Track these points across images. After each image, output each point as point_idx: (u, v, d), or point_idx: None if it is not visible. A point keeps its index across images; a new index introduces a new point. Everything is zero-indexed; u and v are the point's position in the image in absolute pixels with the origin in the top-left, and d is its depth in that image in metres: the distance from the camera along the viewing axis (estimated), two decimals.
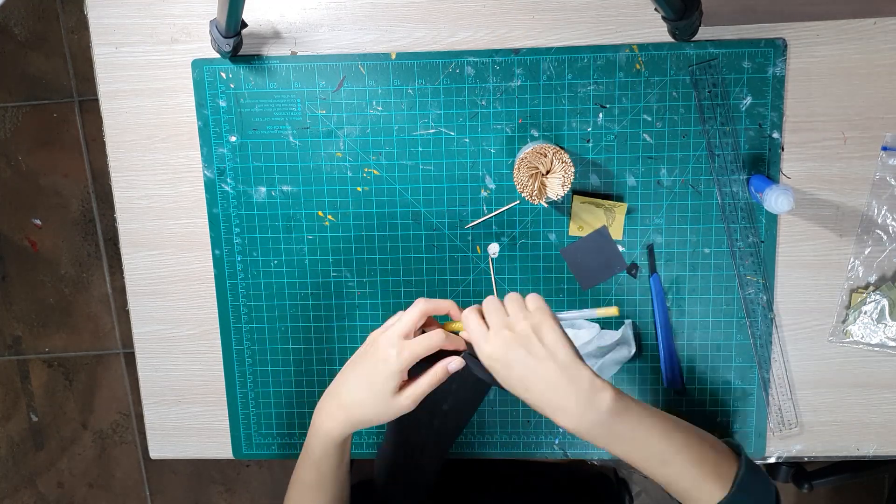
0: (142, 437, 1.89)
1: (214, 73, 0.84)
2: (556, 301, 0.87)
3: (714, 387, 0.88)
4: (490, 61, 0.82)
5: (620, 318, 0.87)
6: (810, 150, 0.82)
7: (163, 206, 0.88)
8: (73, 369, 1.88)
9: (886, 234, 0.83)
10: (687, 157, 0.83)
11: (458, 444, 0.91)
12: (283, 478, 1.88)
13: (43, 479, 1.93)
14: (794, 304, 0.86)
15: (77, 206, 1.81)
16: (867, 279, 0.85)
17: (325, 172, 0.86)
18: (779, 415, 0.88)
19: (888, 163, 0.82)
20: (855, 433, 0.89)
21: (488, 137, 0.84)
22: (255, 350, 0.90)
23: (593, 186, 0.84)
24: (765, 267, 0.85)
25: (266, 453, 0.93)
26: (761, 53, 0.80)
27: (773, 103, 0.81)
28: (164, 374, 0.93)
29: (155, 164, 0.87)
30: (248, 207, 0.87)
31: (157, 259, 0.90)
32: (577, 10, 0.81)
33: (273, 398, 0.92)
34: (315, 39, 0.84)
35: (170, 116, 0.86)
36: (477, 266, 0.87)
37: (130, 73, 0.85)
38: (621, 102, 0.82)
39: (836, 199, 0.83)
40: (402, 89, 0.84)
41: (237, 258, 0.88)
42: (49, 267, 1.83)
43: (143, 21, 0.84)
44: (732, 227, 0.84)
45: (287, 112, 0.85)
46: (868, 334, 0.85)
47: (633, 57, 0.81)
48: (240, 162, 0.86)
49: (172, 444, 0.95)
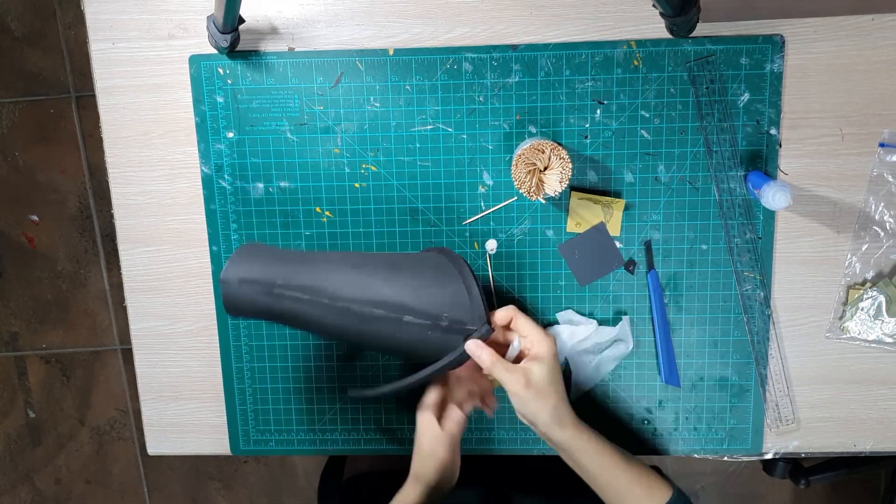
0: (139, 433, 1.89)
1: (212, 69, 0.84)
2: (553, 297, 0.87)
3: (711, 383, 0.88)
4: (488, 57, 0.82)
5: (619, 314, 0.87)
6: (808, 147, 0.82)
7: (160, 202, 0.88)
8: (71, 365, 1.87)
9: (883, 231, 0.83)
10: (685, 153, 0.83)
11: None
12: (280, 474, 1.88)
13: (40, 475, 1.93)
14: (792, 301, 0.86)
15: (74, 202, 1.80)
16: (864, 275, 0.85)
17: (322, 168, 0.86)
18: (776, 411, 0.88)
19: (885, 159, 0.82)
20: (852, 429, 0.89)
21: (486, 134, 0.84)
22: (253, 346, 0.90)
23: (591, 183, 0.84)
24: (762, 263, 0.85)
25: (264, 449, 0.93)
26: (759, 50, 0.80)
27: (771, 100, 0.81)
28: (162, 371, 0.93)
29: (152, 160, 0.87)
30: (245, 203, 0.87)
31: (154, 255, 0.90)
32: (575, 6, 0.81)
33: (271, 394, 0.92)
34: (312, 35, 0.83)
35: (167, 112, 0.86)
36: (475, 262, 0.87)
37: (127, 69, 0.85)
38: (619, 99, 0.82)
39: (833, 195, 0.83)
40: (400, 85, 0.83)
41: None
42: (46, 263, 1.83)
43: (141, 17, 0.84)
44: (730, 224, 0.84)
45: (284, 108, 0.84)
46: (865, 330, 0.85)
47: (630, 53, 0.81)
48: (237, 158, 0.86)
49: (170, 440, 0.95)
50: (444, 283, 0.77)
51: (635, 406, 0.89)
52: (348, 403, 0.90)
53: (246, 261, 0.76)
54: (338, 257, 0.79)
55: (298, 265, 0.77)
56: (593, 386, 0.89)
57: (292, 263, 0.77)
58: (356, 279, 0.76)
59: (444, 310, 0.76)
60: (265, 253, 0.78)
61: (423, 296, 0.76)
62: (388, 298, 0.75)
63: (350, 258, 0.79)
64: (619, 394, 0.89)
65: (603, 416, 0.90)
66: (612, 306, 0.87)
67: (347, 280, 0.76)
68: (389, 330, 0.75)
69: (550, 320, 0.88)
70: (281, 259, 0.77)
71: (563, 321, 0.87)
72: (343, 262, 0.78)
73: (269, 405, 0.92)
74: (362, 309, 0.75)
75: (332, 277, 0.76)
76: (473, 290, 0.77)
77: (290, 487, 1.89)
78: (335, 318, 0.75)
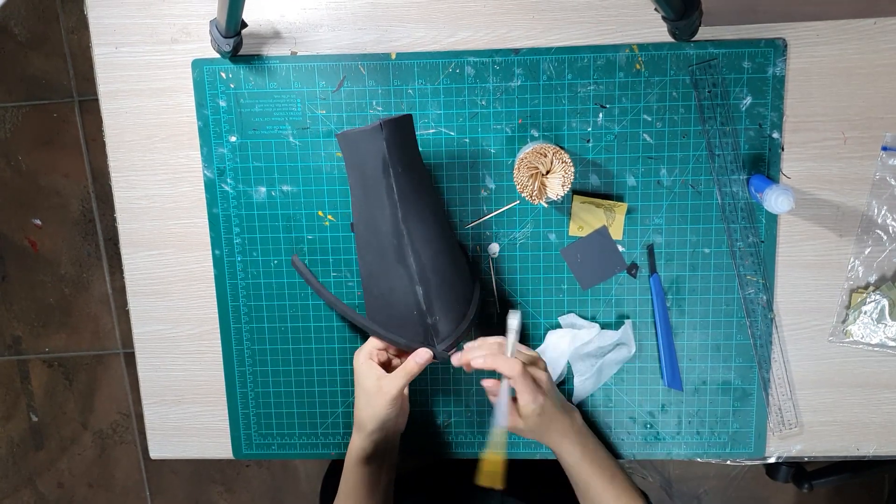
0: (142, 436, 1.89)
1: (214, 73, 0.84)
2: (556, 301, 0.87)
3: (714, 387, 0.88)
4: (490, 61, 0.82)
5: (622, 318, 0.87)
6: (810, 150, 0.82)
7: (163, 205, 0.88)
8: (74, 369, 1.88)
9: (886, 234, 0.83)
10: (687, 157, 0.83)
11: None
12: (283, 477, 1.88)
13: (43, 479, 1.93)
14: (794, 304, 0.86)
15: (77, 206, 1.81)
16: (867, 279, 0.85)
17: (325, 172, 0.86)
18: (779, 415, 0.88)
19: (888, 163, 0.82)
20: (855, 433, 0.89)
21: (488, 137, 0.84)
22: (255, 350, 0.90)
23: (593, 186, 0.84)
24: (765, 267, 0.85)
25: (266, 453, 0.93)
26: (761, 53, 0.80)
27: (773, 103, 0.81)
28: (164, 374, 0.93)
29: (155, 164, 0.87)
30: (248, 207, 0.87)
31: (157, 259, 0.90)
32: (577, 10, 0.81)
33: (273, 398, 0.92)
34: (315, 39, 0.84)
35: (170, 116, 0.86)
36: (477, 266, 0.87)
37: (130, 73, 0.85)
38: (621, 102, 0.82)
39: (836, 198, 0.83)
40: (402, 89, 0.84)
41: (237, 258, 0.88)
42: (49, 267, 1.83)
43: (144, 21, 0.84)
44: (732, 227, 0.84)
45: (287, 112, 0.85)
46: (868, 334, 0.85)
47: (633, 57, 0.81)
48: (240, 162, 0.86)
49: (172, 443, 0.95)
50: (460, 298, 0.80)
51: (638, 410, 0.89)
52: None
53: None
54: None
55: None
56: (596, 390, 0.89)
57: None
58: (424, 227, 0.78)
59: (434, 315, 0.78)
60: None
61: (440, 287, 0.78)
62: (418, 261, 0.77)
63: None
64: (622, 397, 0.89)
65: (606, 420, 0.89)
66: (614, 310, 0.87)
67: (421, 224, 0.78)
68: (392, 276, 0.78)
69: (553, 324, 0.88)
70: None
71: (565, 325, 0.87)
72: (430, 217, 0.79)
73: (271, 409, 0.92)
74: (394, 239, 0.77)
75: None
76: (464, 322, 0.81)
77: (292, 491, 1.88)
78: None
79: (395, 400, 0.78)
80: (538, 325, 0.88)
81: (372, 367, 0.80)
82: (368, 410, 0.79)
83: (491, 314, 0.88)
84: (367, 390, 0.79)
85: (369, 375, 0.79)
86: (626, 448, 0.90)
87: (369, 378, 0.79)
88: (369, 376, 0.79)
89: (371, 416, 0.79)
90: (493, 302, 0.87)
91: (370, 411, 0.79)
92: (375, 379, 0.79)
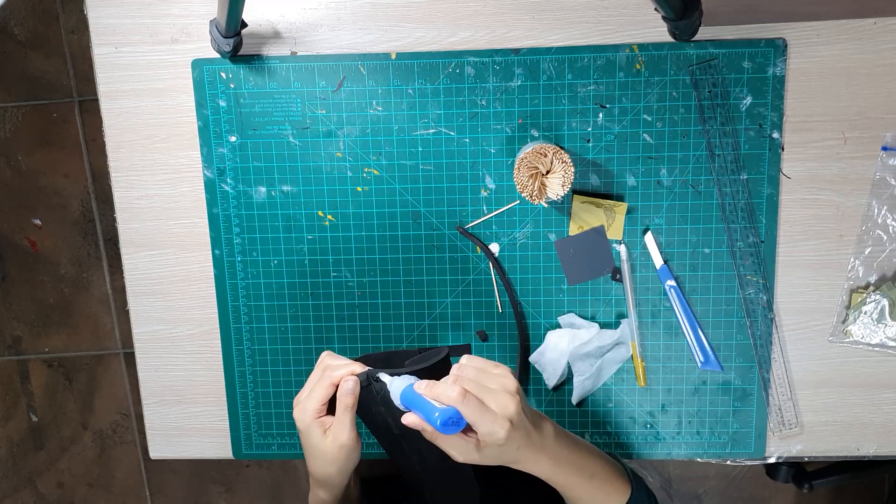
0: (142, 437, 1.89)
1: (214, 73, 0.84)
2: (556, 301, 0.87)
3: (714, 387, 0.88)
4: (490, 61, 0.82)
5: (621, 317, 0.87)
6: (810, 150, 0.82)
7: (163, 206, 0.88)
8: (73, 369, 1.88)
9: (886, 234, 0.83)
10: (687, 157, 0.83)
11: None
12: (283, 478, 1.88)
13: (43, 479, 1.93)
14: (795, 304, 0.86)
15: (77, 206, 1.81)
16: (867, 279, 0.85)
17: (325, 172, 0.86)
18: (779, 415, 0.88)
19: (888, 163, 0.82)
20: (855, 433, 0.89)
21: (488, 137, 0.84)
22: (255, 350, 0.90)
23: (593, 186, 0.84)
24: (765, 267, 0.85)
25: (266, 453, 0.93)
26: (761, 53, 0.80)
27: (774, 103, 0.81)
28: (164, 374, 0.93)
29: (155, 164, 0.87)
30: (248, 207, 0.87)
31: (156, 259, 0.90)
32: (577, 10, 0.81)
33: (273, 398, 0.92)
34: (315, 39, 0.84)
35: (170, 116, 0.86)
36: (477, 266, 0.87)
37: (130, 73, 0.85)
38: (621, 102, 0.82)
39: (836, 199, 0.83)
40: (402, 89, 0.84)
41: (237, 258, 0.88)
42: (49, 267, 1.83)
43: (143, 21, 0.84)
44: (732, 227, 0.84)
45: (287, 112, 0.85)
46: (868, 334, 0.85)
47: (633, 57, 0.81)
48: (240, 162, 0.86)
49: (172, 444, 0.95)
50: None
51: (638, 410, 0.89)
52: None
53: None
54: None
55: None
56: (595, 389, 0.89)
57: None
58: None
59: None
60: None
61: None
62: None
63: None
64: (622, 397, 0.89)
65: (605, 420, 0.89)
66: (613, 309, 0.87)
67: None
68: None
69: (553, 324, 0.88)
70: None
71: (564, 324, 0.87)
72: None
73: (271, 409, 0.92)
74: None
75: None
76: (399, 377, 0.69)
77: (292, 491, 1.88)
78: None
79: (350, 441, 0.71)
80: (538, 325, 0.88)
81: (322, 423, 0.72)
82: (332, 468, 0.73)
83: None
84: (324, 450, 0.72)
85: (316, 433, 0.71)
86: (625, 448, 0.90)
87: (317, 436, 0.71)
88: (316, 434, 0.71)
89: (338, 471, 0.73)
90: (495, 301, 0.87)
91: (335, 467, 0.73)
92: (324, 432, 0.71)
